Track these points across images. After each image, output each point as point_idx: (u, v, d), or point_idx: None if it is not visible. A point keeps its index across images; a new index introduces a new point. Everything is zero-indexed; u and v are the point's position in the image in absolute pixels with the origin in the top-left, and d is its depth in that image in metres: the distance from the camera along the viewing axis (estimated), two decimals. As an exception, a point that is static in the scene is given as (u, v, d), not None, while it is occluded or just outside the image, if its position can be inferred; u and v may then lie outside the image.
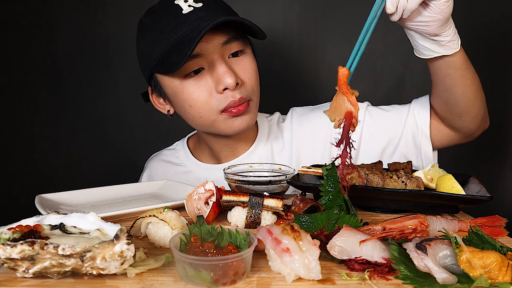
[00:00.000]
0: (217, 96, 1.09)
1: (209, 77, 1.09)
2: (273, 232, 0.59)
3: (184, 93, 1.11)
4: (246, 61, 1.14)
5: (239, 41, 1.11)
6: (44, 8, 1.75)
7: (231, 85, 1.06)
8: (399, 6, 0.88)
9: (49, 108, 1.81)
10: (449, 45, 0.99)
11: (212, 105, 1.10)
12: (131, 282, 0.57)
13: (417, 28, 0.96)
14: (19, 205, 1.44)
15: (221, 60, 1.08)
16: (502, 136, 1.80)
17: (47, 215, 0.66)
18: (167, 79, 1.12)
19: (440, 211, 0.87)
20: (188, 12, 1.05)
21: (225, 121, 1.13)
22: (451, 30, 0.97)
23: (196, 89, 1.10)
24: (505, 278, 0.54)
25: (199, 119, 1.14)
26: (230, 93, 1.09)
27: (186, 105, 1.12)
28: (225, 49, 1.09)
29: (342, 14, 1.75)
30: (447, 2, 0.89)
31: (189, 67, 1.07)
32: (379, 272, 0.58)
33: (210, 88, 1.09)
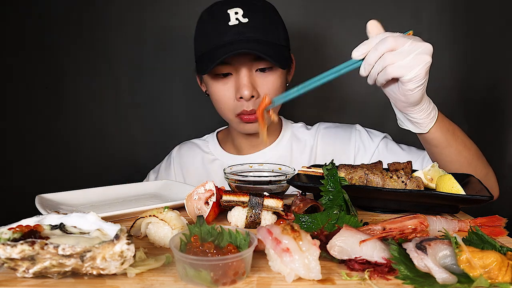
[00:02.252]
0: (235, 101, 1.23)
1: (233, 84, 1.22)
2: (273, 232, 0.59)
3: (212, 88, 1.25)
4: (270, 78, 1.23)
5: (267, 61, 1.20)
6: (45, 8, 1.75)
7: (246, 97, 1.18)
8: (371, 73, 0.89)
9: (49, 108, 1.81)
10: (419, 125, 0.99)
11: (230, 107, 1.25)
12: (131, 282, 0.57)
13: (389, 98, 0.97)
14: (19, 205, 1.44)
15: (246, 72, 1.19)
16: (502, 136, 1.80)
17: (47, 215, 0.66)
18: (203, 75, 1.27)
19: (440, 211, 0.87)
20: (233, 25, 1.15)
21: (238, 124, 1.28)
22: (421, 113, 0.96)
23: (221, 90, 1.24)
24: (505, 278, 0.54)
25: (219, 111, 1.30)
26: (245, 103, 1.21)
27: (214, 99, 1.28)
28: (254, 64, 1.20)
29: (342, 14, 1.75)
30: (412, 91, 0.88)
31: (218, 70, 1.20)
32: (379, 272, 0.58)
33: (231, 93, 1.23)
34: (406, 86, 0.88)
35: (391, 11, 1.74)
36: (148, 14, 1.74)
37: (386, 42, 0.84)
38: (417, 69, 0.84)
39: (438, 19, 1.73)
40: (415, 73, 0.85)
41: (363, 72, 0.89)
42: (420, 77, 0.86)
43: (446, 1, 1.72)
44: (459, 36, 1.74)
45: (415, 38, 0.86)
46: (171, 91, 1.81)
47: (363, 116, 1.81)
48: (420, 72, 0.85)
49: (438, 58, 1.76)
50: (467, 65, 1.76)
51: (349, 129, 1.40)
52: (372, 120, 1.81)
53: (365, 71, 0.89)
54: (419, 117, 0.97)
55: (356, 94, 1.80)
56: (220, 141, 1.51)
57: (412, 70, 0.84)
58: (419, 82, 0.87)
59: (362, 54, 0.87)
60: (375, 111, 1.81)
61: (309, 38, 1.78)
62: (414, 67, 0.84)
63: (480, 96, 1.77)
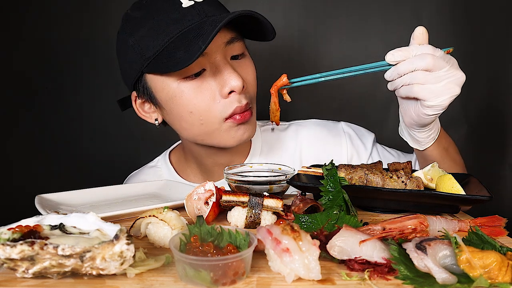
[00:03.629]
0: (221, 101, 1.00)
1: (212, 80, 0.99)
2: (273, 232, 0.59)
3: (184, 97, 0.99)
4: (248, 64, 1.07)
5: (241, 42, 1.05)
6: (45, 8, 1.75)
7: (238, 88, 0.98)
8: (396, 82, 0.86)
9: (49, 108, 1.81)
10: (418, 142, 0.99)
11: (215, 111, 1.00)
12: (131, 282, 0.57)
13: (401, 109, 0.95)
14: (19, 205, 1.44)
15: (225, 60, 1.00)
16: (502, 136, 1.80)
17: (47, 215, 0.66)
18: (161, 81, 1.00)
19: (440, 211, 0.87)
20: (189, 6, 0.96)
21: (228, 131, 1.03)
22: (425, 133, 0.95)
23: (198, 93, 0.99)
24: (505, 278, 0.54)
25: (198, 127, 1.03)
26: (236, 97, 1.00)
27: (185, 111, 1.01)
28: (228, 49, 1.01)
29: (342, 15, 1.75)
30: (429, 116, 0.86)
31: (191, 68, 0.96)
32: (379, 272, 0.58)
33: (213, 92, 0.99)
34: (424, 110, 0.86)
35: (391, 11, 1.74)
36: (148, 14, 1.74)
37: (424, 60, 0.80)
38: (442, 98, 0.82)
39: (438, 19, 1.73)
40: (440, 101, 0.83)
41: (389, 77, 0.87)
42: (442, 106, 0.84)
43: (446, 1, 1.72)
44: (459, 36, 1.74)
45: (452, 63, 0.83)
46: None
47: (363, 116, 1.81)
48: (445, 103, 0.83)
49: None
50: (467, 65, 1.75)
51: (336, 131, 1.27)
52: (372, 120, 1.81)
53: (391, 77, 0.86)
54: (421, 136, 0.96)
55: (355, 94, 1.80)
56: (175, 166, 1.26)
57: (438, 98, 0.82)
58: (439, 110, 0.85)
59: (395, 60, 0.85)
60: (375, 112, 1.81)
61: (309, 38, 1.77)
62: (441, 95, 0.82)
63: (480, 96, 1.77)
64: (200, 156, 1.18)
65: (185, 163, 1.26)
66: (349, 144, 1.25)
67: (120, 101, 1.20)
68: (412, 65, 0.82)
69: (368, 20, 1.74)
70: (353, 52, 1.76)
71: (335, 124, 1.30)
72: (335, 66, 0.91)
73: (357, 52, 1.76)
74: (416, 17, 1.73)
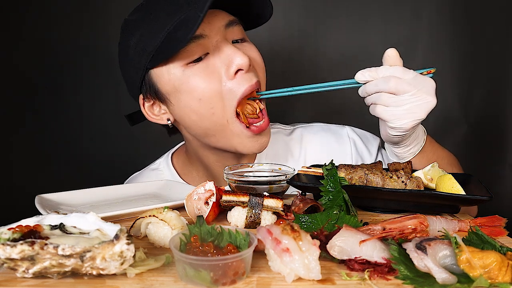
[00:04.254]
0: (230, 82, 0.95)
1: (218, 61, 0.95)
2: (273, 232, 0.59)
3: (190, 83, 0.95)
4: (251, 46, 1.03)
5: (240, 26, 1.02)
6: (45, 8, 1.75)
7: (245, 64, 0.93)
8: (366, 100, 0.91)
9: (49, 108, 1.81)
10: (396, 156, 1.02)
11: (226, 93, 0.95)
12: (131, 282, 0.57)
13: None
14: (19, 205, 1.44)
15: (227, 42, 0.97)
16: (502, 136, 1.80)
17: (47, 215, 0.66)
18: (166, 72, 0.97)
19: (440, 211, 0.87)
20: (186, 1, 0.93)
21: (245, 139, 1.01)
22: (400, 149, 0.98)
23: (204, 77, 0.94)
24: (505, 278, 0.54)
25: (209, 119, 0.97)
26: (245, 77, 0.95)
27: (194, 99, 0.96)
28: (228, 32, 0.99)
29: (342, 15, 1.75)
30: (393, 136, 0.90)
31: (193, 51, 0.93)
32: (379, 272, 0.58)
33: (220, 73, 0.95)
34: (389, 130, 0.90)
35: (391, 11, 1.74)
36: (148, 14, 1.74)
37: (388, 83, 0.82)
38: (404, 121, 0.84)
39: (438, 18, 1.73)
40: (401, 124, 0.85)
41: (360, 94, 0.91)
42: (403, 129, 0.86)
43: (446, 0, 1.72)
44: (459, 36, 1.74)
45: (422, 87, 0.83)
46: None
47: (362, 117, 1.81)
48: (406, 126, 0.85)
49: (438, 57, 1.77)
50: (467, 65, 1.75)
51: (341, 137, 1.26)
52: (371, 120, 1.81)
53: (362, 95, 0.91)
54: (399, 151, 0.99)
55: (354, 95, 1.79)
56: (177, 169, 1.22)
57: (399, 121, 0.84)
58: (402, 132, 0.87)
59: (364, 80, 0.88)
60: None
61: (309, 38, 1.78)
62: (403, 118, 0.83)
63: (480, 96, 1.77)
64: (207, 161, 1.14)
65: (190, 166, 1.21)
66: (353, 149, 1.25)
67: (129, 116, 1.17)
68: (376, 87, 0.85)
69: (368, 20, 1.74)
70: (353, 52, 1.77)
71: (340, 128, 1.29)
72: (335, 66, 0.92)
73: (357, 52, 1.76)
74: (416, 17, 1.74)
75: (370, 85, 0.86)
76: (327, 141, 1.26)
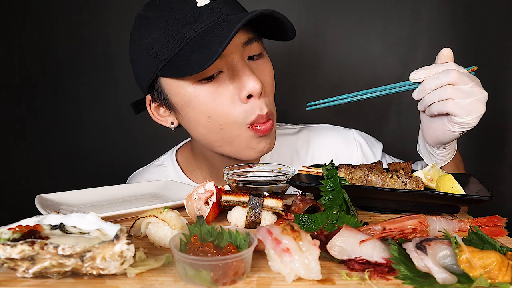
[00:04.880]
0: (242, 106, 0.94)
1: (229, 83, 0.94)
2: (273, 232, 0.59)
3: (200, 101, 0.93)
4: (265, 65, 1.01)
5: (259, 42, 0.99)
6: (45, 8, 1.75)
7: (257, 91, 0.92)
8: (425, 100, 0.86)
9: (49, 108, 1.81)
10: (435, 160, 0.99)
11: (236, 116, 0.94)
12: (131, 282, 0.57)
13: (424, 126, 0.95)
14: (19, 205, 1.44)
15: (243, 62, 0.94)
16: (502, 136, 1.80)
17: (47, 215, 0.66)
18: (176, 85, 0.95)
19: (440, 211, 0.87)
20: (204, 5, 0.90)
21: (248, 141, 0.98)
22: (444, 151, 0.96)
23: (216, 97, 0.93)
24: (505, 278, 0.54)
25: (217, 133, 0.96)
26: (257, 103, 0.94)
27: (202, 116, 0.95)
28: (245, 50, 0.96)
29: (342, 15, 1.75)
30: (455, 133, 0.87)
31: (207, 70, 0.90)
32: (379, 272, 0.58)
33: (232, 95, 0.93)
34: (452, 127, 0.86)
35: (391, 11, 1.74)
36: (148, 14, 1.74)
37: (450, 74, 0.81)
38: (472, 116, 0.83)
39: (438, 18, 1.73)
40: (470, 119, 0.83)
41: (416, 96, 0.88)
42: (471, 125, 0.84)
43: (446, 0, 1.72)
44: (459, 36, 1.74)
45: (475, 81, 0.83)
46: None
47: (362, 117, 1.81)
48: (474, 121, 0.84)
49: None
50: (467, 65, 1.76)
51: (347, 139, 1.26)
52: (371, 120, 1.81)
53: (418, 96, 0.87)
54: (441, 154, 0.96)
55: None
56: (182, 166, 1.22)
57: (468, 115, 0.82)
58: (466, 128, 0.85)
59: (420, 78, 0.85)
60: (374, 112, 1.81)
61: (309, 38, 1.78)
62: (471, 113, 0.82)
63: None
64: (212, 161, 1.13)
65: (194, 163, 1.20)
66: (359, 152, 1.24)
67: (134, 104, 1.15)
68: (437, 80, 0.82)
69: (368, 20, 1.75)
70: (353, 52, 1.77)
71: (346, 131, 1.28)
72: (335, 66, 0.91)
73: (357, 52, 1.77)
74: (416, 17, 1.74)
75: (430, 80, 0.83)
76: (334, 142, 1.25)
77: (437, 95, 0.83)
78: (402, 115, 1.79)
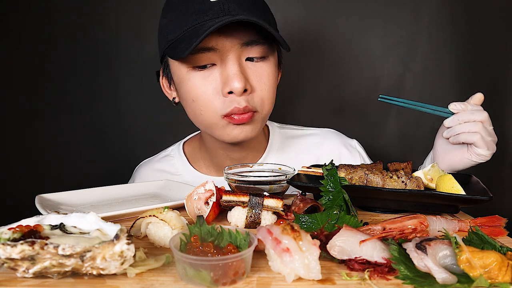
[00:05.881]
0: (221, 98, 1.01)
1: (218, 76, 1.01)
2: (273, 232, 0.59)
3: (189, 85, 1.02)
4: (264, 68, 1.04)
5: (262, 46, 1.02)
6: (45, 8, 1.75)
7: (237, 90, 0.98)
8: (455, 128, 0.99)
9: (49, 108, 1.81)
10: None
11: (215, 106, 1.02)
12: (131, 282, 0.57)
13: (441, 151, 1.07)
14: (19, 205, 1.44)
15: (235, 60, 0.99)
16: (502, 136, 1.79)
17: (47, 215, 0.66)
18: (176, 65, 1.04)
19: (440, 211, 0.87)
20: (216, 1, 0.96)
21: (223, 128, 1.05)
22: None
23: (202, 84, 1.01)
24: (505, 278, 0.54)
25: (199, 116, 1.06)
26: (236, 99, 1.00)
27: (189, 98, 1.04)
28: (244, 50, 1.01)
29: (342, 15, 1.75)
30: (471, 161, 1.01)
31: (199, 59, 0.99)
32: (379, 272, 0.58)
33: (217, 87, 1.01)
34: (471, 156, 1.00)
35: (391, 11, 1.74)
36: (147, 14, 1.74)
37: (483, 114, 0.97)
38: (490, 152, 0.99)
39: (438, 18, 1.73)
40: (488, 153, 0.99)
41: (448, 123, 1.00)
42: (486, 158, 1.00)
43: (446, 0, 1.72)
44: (459, 36, 1.74)
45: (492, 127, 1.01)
46: (171, 91, 1.81)
47: (362, 116, 1.81)
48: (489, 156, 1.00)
49: (438, 57, 1.77)
50: (467, 65, 1.75)
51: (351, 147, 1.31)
52: (371, 120, 1.81)
53: (450, 123, 1.00)
54: None
55: (355, 94, 1.80)
56: (188, 156, 1.28)
57: (488, 150, 0.98)
58: (482, 160, 1.00)
59: (457, 109, 0.99)
60: (374, 112, 1.81)
61: (309, 38, 1.78)
62: (490, 149, 0.99)
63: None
64: (213, 147, 1.20)
65: (199, 153, 1.27)
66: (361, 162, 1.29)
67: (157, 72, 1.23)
68: (472, 115, 0.97)
69: (368, 20, 1.75)
70: (353, 52, 1.77)
71: (349, 139, 1.34)
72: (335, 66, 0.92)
73: (357, 52, 1.77)
74: (416, 17, 1.74)
75: (465, 114, 0.97)
76: (338, 147, 1.30)
77: (467, 127, 0.97)
78: (402, 115, 1.79)
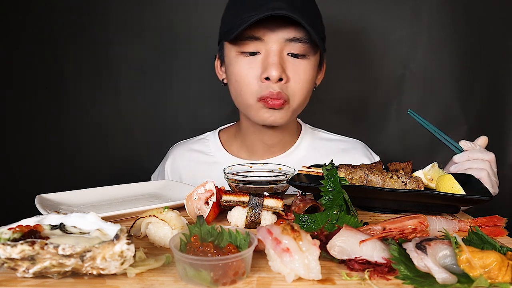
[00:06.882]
0: (259, 83, 1.12)
1: (260, 63, 1.12)
2: (273, 232, 0.59)
3: (235, 67, 1.15)
4: (302, 65, 1.14)
5: (304, 45, 1.12)
6: (45, 8, 1.75)
7: (273, 77, 1.08)
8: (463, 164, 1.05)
9: (49, 108, 1.81)
10: None
11: (253, 89, 1.14)
12: (131, 282, 0.57)
13: None
14: (19, 205, 1.44)
15: (277, 52, 1.10)
16: (502, 136, 1.80)
17: (47, 215, 0.66)
18: (228, 47, 1.17)
19: (440, 211, 0.87)
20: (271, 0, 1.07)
21: (257, 110, 1.16)
22: None
23: (245, 68, 1.14)
24: (505, 278, 0.54)
25: (239, 96, 1.18)
26: (271, 85, 1.11)
27: (233, 78, 1.17)
28: (287, 45, 1.11)
29: (342, 15, 1.75)
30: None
31: (246, 46, 1.12)
32: (379, 272, 0.58)
33: (257, 72, 1.12)
34: None
35: (391, 11, 1.74)
36: (148, 14, 1.74)
37: (491, 155, 1.05)
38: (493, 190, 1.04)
39: (438, 18, 1.73)
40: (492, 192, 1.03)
41: (457, 159, 1.06)
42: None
43: (446, 0, 1.72)
44: (459, 36, 1.74)
45: None
46: (171, 90, 1.81)
47: (362, 117, 1.81)
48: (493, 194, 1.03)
49: (438, 56, 1.77)
50: (467, 65, 1.75)
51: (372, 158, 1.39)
52: (372, 121, 1.81)
53: (459, 159, 1.06)
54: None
55: (355, 94, 1.80)
56: (222, 142, 1.39)
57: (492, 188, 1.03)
58: None
59: (466, 147, 1.07)
60: (374, 112, 1.81)
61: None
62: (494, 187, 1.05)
63: (480, 95, 1.77)
64: (247, 131, 1.30)
65: (233, 139, 1.38)
66: None
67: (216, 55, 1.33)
68: (481, 154, 1.05)
69: (368, 20, 1.75)
70: (353, 52, 1.77)
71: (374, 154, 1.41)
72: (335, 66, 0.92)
73: (357, 52, 1.77)
74: (416, 17, 1.74)
75: (476, 152, 1.05)
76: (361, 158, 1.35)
77: (476, 164, 1.04)
78: (402, 115, 1.79)
